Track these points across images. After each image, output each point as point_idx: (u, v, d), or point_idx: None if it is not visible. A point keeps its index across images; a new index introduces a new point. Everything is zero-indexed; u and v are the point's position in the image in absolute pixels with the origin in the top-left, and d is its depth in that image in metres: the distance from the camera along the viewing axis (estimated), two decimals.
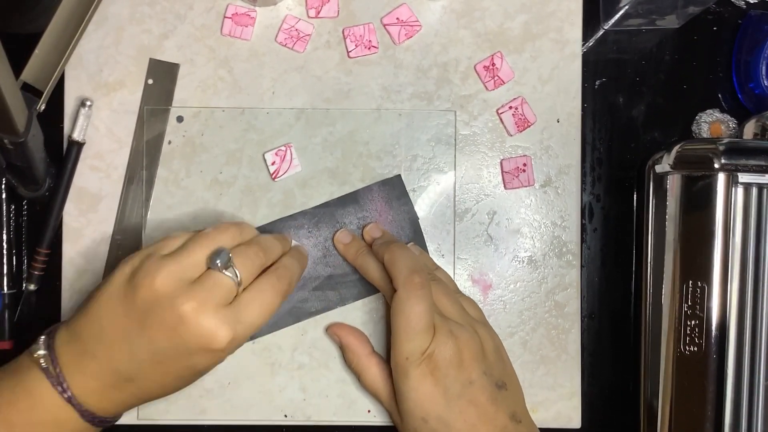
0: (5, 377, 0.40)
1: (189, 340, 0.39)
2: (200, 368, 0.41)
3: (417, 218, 0.51)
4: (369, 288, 0.50)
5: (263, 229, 0.50)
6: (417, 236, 0.51)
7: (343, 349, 0.49)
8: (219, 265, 0.40)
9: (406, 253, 0.45)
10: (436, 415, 0.42)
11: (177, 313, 0.38)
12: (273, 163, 0.51)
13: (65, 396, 0.39)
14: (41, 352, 0.40)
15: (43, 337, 0.41)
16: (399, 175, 0.51)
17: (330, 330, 0.50)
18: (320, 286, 0.51)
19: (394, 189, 0.51)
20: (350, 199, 0.51)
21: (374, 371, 0.47)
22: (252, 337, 0.50)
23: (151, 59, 0.51)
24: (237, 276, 0.40)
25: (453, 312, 0.45)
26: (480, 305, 0.51)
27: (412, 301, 0.42)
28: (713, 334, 0.44)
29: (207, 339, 0.39)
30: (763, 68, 0.50)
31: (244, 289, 0.41)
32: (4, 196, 0.50)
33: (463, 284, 0.51)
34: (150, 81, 0.51)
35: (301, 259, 0.47)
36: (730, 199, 0.44)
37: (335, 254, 0.51)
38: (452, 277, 0.51)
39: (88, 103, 0.50)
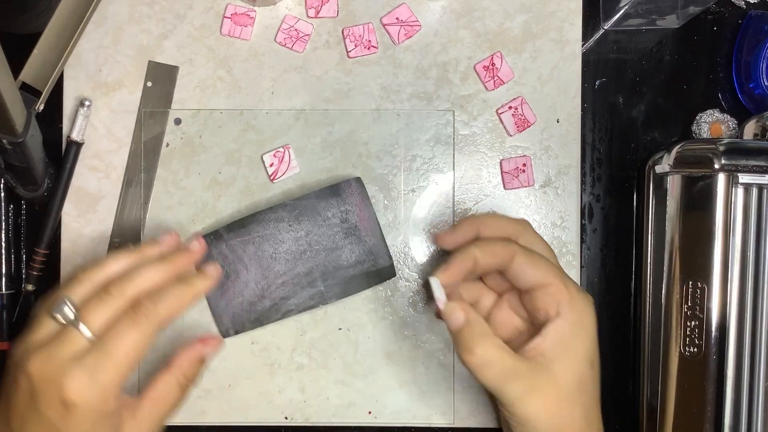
0: None
1: (41, 401, 0.37)
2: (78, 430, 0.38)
3: (377, 222, 0.50)
4: (352, 287, 0.49)
5: (243, 224, 0.49)
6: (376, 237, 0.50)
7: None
8: (60, 316, 0.39)
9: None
10: (597, 360, 0.43)
11: (27, 376, 0.38)
12: (271, 165, 0.51)
13: None
14: None
15: None
16: (359, 178, 0.49)
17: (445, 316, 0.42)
18: (301, 283, 0.49)
19: (361, 189, 0.50)
20: (332, 192, 0.49)
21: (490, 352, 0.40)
22: (236, 333, 0.50)
23: (150, 62, 0.51)
24: (78, 323, 0.38)
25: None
26: None
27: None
28: (713, 335, 0.44)
29: (56, 392, 0.37)
30: (763, 68, 0.50)
31: (102, 337, 0.39)
32: (2, 196, 0.50)
33: None
34: (149, 84, 0.51)
35: (192, 283, 0.42)
36: (730, 200, 0.44)
37: (316, 250, 0.49)
38: None
39: (87, 103, 0.50)
